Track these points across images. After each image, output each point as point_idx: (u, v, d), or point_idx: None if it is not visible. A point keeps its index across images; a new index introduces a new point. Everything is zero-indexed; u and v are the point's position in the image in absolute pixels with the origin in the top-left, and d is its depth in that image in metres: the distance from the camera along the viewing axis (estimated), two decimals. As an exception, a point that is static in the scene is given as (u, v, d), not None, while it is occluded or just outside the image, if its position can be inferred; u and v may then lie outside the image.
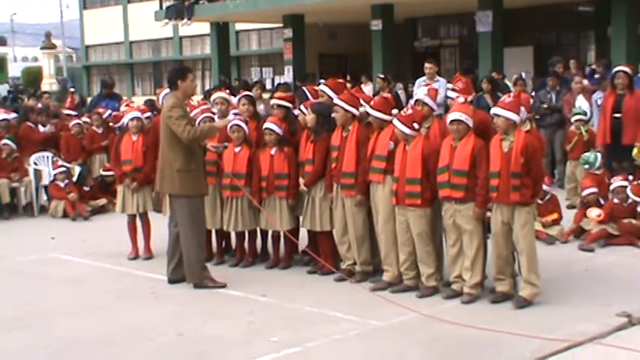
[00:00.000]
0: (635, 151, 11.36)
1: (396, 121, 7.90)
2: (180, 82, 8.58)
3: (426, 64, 14.66)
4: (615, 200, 10.16)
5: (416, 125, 7.87)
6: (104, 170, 14.06)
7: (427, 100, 8.24)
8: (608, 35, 20.23)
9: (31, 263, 10.25)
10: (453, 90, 8.39)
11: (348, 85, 12.15)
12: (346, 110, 8.46)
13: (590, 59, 24.08)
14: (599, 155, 11.35)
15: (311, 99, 9.39)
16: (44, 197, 14.13)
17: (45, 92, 22.33)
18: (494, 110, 7.56)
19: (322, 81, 16.26)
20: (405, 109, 8.08)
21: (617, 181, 10.26)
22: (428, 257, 7.93)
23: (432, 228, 7.94)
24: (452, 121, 7.69)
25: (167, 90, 9.16)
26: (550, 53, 22.04)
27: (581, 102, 13.22)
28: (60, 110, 16.65)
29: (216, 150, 9.14)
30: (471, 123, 7.66)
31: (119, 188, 10.20)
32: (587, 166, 11.40)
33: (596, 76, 14.24)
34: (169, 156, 8.50)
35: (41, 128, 14.90)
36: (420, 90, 8.64)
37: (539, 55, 24.25)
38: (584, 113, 12.65)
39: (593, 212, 10.17)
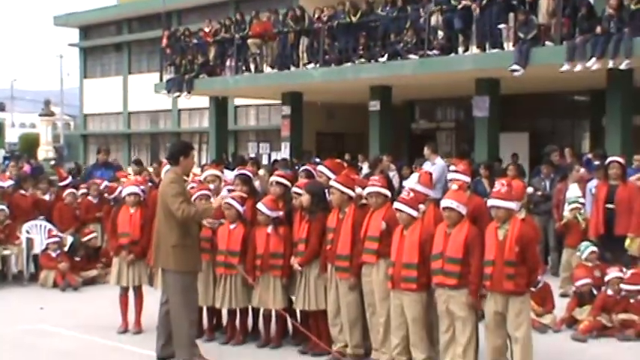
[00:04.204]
0: (627, 241, 11.39)
1: (401, 205, 7.92)
2: (182, 159, 8.60)
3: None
4: (609, 292, 10.13)
5: (421, 206, 7.92)
6: (83, 236, 14.03)
7: (418, 188, 8.27)
8: (603, 125, 20.42)
9: (18, 334, 10.13)
10: (456, 171, 8.43)
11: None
12: (342, 192, 8.49)
13: (585, 147, 24.24)
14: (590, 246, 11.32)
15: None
16: (32, 266, 14.04)
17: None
18: (492, 202, 7.57)
19: (318, 159, 16.43)
20: (406, 192, 8.09)
21: (612, 272, 10.24)
22: (421, 342, 7.88)
23: (426, 312, 7.90)
24: (444, 207, 7.72)
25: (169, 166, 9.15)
26: (545, 140, 22.20)
27: (574, 190, 13.24)
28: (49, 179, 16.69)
29: (211, 226, 9.15)
30: (463, 211, 7.68)
31: (114, 260, 10.17)
32: (577, 253, 11.43)
33: (596, 162, 14.31)
34: (165, 230, 8.49)
35: (43, 196, 14.96)
36: (410, 178, 8.72)
37: (535, 142, 24.42)
38: (580, 202, 12.65)
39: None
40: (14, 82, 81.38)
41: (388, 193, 8.34)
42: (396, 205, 8.00)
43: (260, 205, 9.15)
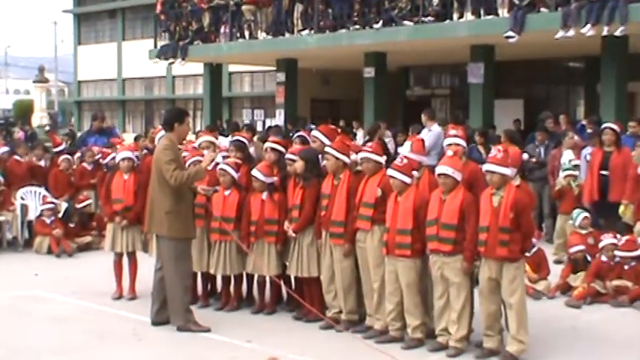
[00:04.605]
0: (621, 208, 11.41)
1: (394, 172, 7.90)
2: (177, 125, 8.58)
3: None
4: (603, 258, 10.16)
5: (415, 173, 7.91)
6: (78, 203, 14.01)
7: (411, 156, 8.24)
8: (597, 91, 20.38)
9: (13, 300, 10.14)
10: (455, 136, 8.42)
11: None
12: (337, 158, 8.47)
13: (580, 114, 24.23)
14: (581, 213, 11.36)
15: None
16: (26, 232, 14.04)
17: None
18: (488, 167, 7.55)
19: (313, 126, 16.41)
20: (400, 159, 8.08)
21: (607, 239, 10.26)
22: (415, 308, 7.89)
23: (420, 279, 7.92)
24: (439, 174, 7.72)
25: (163, 132, 9.14)
26: (540, 107, 22.15)
27: (569, 156, 13.26)
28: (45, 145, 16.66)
29: (205, 193, 9.11)
30: (458, 177, 7.67)
31: (109, 226, 10.17)
32: (570, 221, 11.47)
33: (589, 131, 14.34)
34: (159, 197, 8.49)
35: (38, 162, 14.93)
36: (405, 145, 8.73)
37: (529, 108, 24.39)
38: (574, 168, 12.68)
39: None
40: (8, 49, 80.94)
41: (379, 159, 8.30)
42: (389, 171, 7.98)
43: (255, 172, 9.13)
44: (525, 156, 13.81)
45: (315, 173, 8.75)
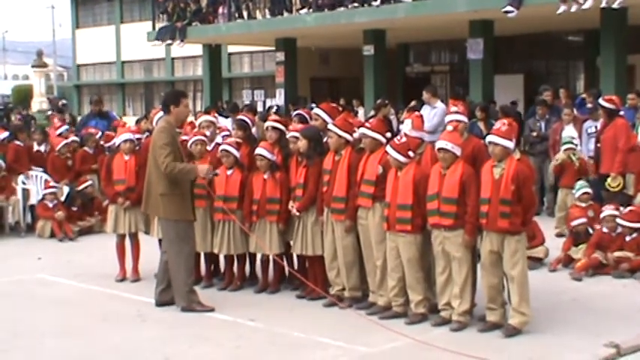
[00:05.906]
0: (609, 180, 11.41)
1: (390, 149, 7.91)
2: (173, 107, 8.56)
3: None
4: (604, 229, 10.16)
5: (411, 153, 7.91)
6: (78, 185, 14.00)
7: (413, 134, 8.24)
8: (597, 65, 20.34)
9: (17, 284, 10.17)
10: (456, 112, 8.43)
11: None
12: (340, 136, 8.47)
13: (580, 88, 24.21)
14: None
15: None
16: (29, 217, 14.04)
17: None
18: (491, 138, 7.56)
19: (314, 105, 16.37)
20: (399, 137, 8.09)
21: (607, 210, 10.26)
22: (417, 284, 7.91)
23: (422, 254, 7.93)
24: (438, 149, 7.72)
25: (161, 113, 9.12)
26: (540, 81, 22.11)
27: (569, 131, 13.26)
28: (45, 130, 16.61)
29: (205, 176, 9.02)
30: (458, 152, 7.67)
31: (110, 208, 10.17)
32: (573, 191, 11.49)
33: (589, 105, 14.32)
34: (155, 179, 8.49)
35: (38, 147, 14.90)
36: (405, 123, 8.73)
37: (530, 83, 24.35)
38: (574, 143, 12.67)
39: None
40: (5, 34, 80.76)
41: (377, 136, 8.24)
42: (387, 148, 8.00)
43: (261, 150, 9.11)
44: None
45: (318, 151, 8.75)
